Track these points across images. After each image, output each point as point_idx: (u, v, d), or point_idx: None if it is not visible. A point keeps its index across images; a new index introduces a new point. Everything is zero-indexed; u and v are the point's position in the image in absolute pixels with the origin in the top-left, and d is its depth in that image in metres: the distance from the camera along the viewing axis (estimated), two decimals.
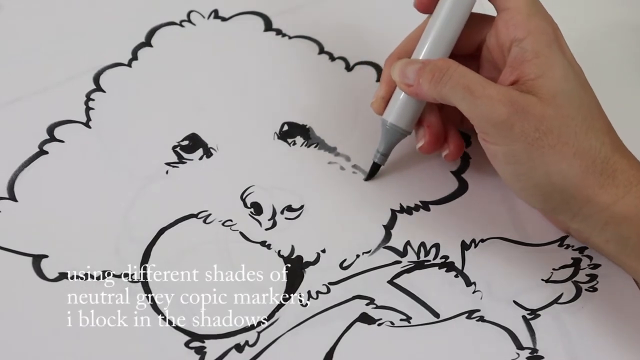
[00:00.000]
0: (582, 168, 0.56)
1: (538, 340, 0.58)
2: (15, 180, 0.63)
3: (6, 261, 0.60)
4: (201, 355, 0.57)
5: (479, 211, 0.63)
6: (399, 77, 0.60)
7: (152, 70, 0.69)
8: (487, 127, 0.57)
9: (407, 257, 0.61)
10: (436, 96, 0.58)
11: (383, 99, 0.62)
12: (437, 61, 0.59)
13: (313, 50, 0.71)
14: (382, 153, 0.63)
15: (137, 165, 0.64)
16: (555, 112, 0.56)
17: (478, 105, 0.56)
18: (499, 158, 0.57)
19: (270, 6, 0.73)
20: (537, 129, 0.56)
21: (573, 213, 0.57)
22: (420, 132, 0.63)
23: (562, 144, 0.56)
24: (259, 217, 0.62)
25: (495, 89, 0.57)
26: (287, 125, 0.67)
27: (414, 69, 0.59)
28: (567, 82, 0.57)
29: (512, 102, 0.56)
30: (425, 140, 0.62)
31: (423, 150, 0.62)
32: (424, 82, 0.58)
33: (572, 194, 0.56)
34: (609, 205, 0.56)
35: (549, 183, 0.56)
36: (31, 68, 0.69)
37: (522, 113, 0.56)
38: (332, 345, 0.57)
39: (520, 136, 0.56)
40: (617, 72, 0.71)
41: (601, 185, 0.56)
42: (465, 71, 0.57)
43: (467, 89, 0.57)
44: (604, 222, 0.56)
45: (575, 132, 0.56)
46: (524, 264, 0.61)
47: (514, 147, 0.56)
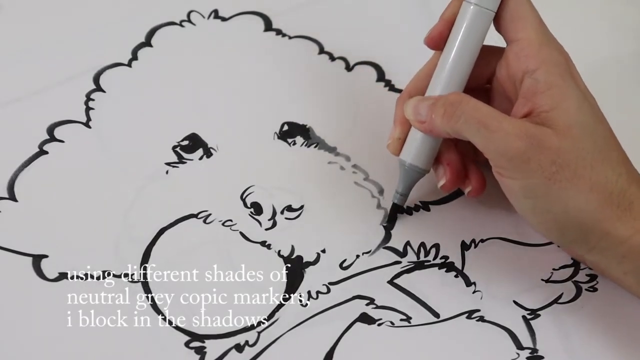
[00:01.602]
0: (599, 202, 0.55)
1: (538, 340, 0.58)
2: (15, 180, 0.63)
3: (6, 261, 0.60)
4: (201, 355, 0.57)
5: (479, 211, 0.63)
6: (412, 115, 0.59)
7: (152, 70, 0.69)
8: (503, 161, 0.56)
9: (407, 257, 0.61)
10: (450, 131, 0.57)
11: (399, 140, 0.61)
12: (449, 96, 0.58)
13: (313, 50, 0.71)
14: (401, 194, 0.62)
15: (137, 165, 0.64)
16: (571, 144, 0.55)
17: (493, 140, 0.55)
18: (516, 192, 0.56)
19: (270, 6, 0.73)
20: (553, 162, 0.55)
21: (590, 246, 0.56)
22: (439, 170, 0.61)
23: (578, 178, 0.55)
24: (259, 217, 0.62)
25: (510, 122, 0.56)
26: (287, 125, 0.67)
27: (426, 105, 0.58)
28: (581, 114, 0.56)
29: (528, 135, 0.55)
30: (447, 179, 0.61)
31: (445, 188, 0.61)
32: (437, 117, 0.57)
33: (589, 228, 0.55)
34: (627, 239, 0.55)
35: (567, 218, 0.56)
36: (31, 68, 0.69)
37: (538, 147, 0.55)
38: (332, 345, 0.57)
39: (537, 170, 0.55)
40: (617, 77, 0.71)
41: (618, 218, 0.55)
42: (478, 105, 0.56)
43: (481, 123, 0.56)
44: (622, 255, 0.56)
45: (591, 165, 0.55)
46: (524, 264, 0.61)
47: (531, 182, 0.55)
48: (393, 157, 0.65)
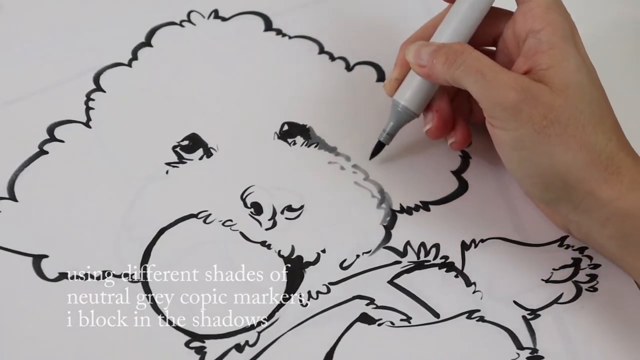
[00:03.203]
0: (586, 161, 0.56)
1: (538, 340, 0.58)
2: (15, 180, 0.63)
3: (6, 261, 0.60)
4: (201, 355, 0.57)
5: (479, 211, 0.63)
6: (413, 58, 0.61)
7: (152, 70, 0.69)
8: (496, 110, 0.57)
9: (407, 257, 0.61)
10: (449, 78, 0.59)
11: (396, 81, 0.63)
12: (452, 44, 0.59)
13: (313, 50, 0.71)
14: (388, 133, 0.64)
15: (137, 165, 0.64)
16: (565, 102, 0.56)
17: (489, 89, 0.57)
18: (506, 143, 0.58)
19: (270, 6, 0.73)
20: (545, 116, 0.56)
21: (574, 205, 0.57)
22: (428, 116, 0.63)
23: (568, 135, 0.56)
24: (259, 217, 0.62)
25: (508, 74, 0.57)
26: (287, 125, 0.67)
27: (429, 50, 0.60)
28: (579, 75, 0.57)
29: (523, 88, 0.56)
30: (433, 124, 0.63)
31: (430, 133, 0.63)
32: (438, 64, 0.59)
33: (574, 185, 0.56)
34: (612, 201, 0.56)
35: (552, 172, 0.57)
36: (31, 68, 0.69)
37: (531, 100, 0.56)
38: (332, 345, 0.57)
39: (528, 122, 0.56)
40: (622, 70, 0.71)
41: (605, 180, 0.56)
42: (480, 55, 0.58)
43: (479, 72, 0.57)
44: (606, 217, 0.56)
45: (583, 126, 0.56)
46: (524, 264, 0.61)
47: (521, 133, 0.56)
48: (393, 157, 0.65)
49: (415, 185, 0.64)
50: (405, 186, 0.64)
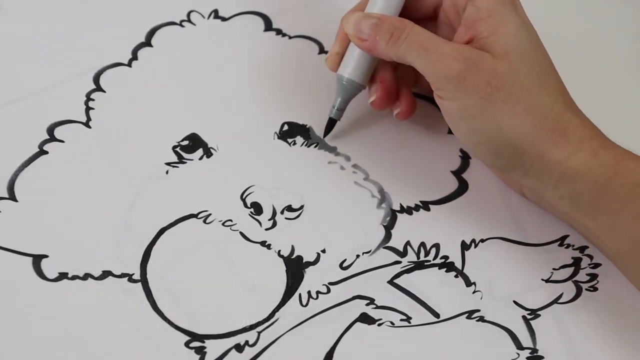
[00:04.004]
0: (533, 124, 0.56)
1: (538, 340, 0.58)
2: (15, 180, 0.63)
3: (6, 261, 0.60)
4: (201, 355, 0.57)
5: (479, 211, 0.63)
6: (353, 30, 0.61)
7: (152, 70, 0.69)
8: (441, 82, 0.57)
9: (407, 257, 0.61)
10: (392, 55, 0.59)
11: (337, 55, 0.64)
12: (394, 21, 0.60)
13: (313, 50, 0.71)
14: (337, 108, 0.64)
15: (137, 165, 0.64)
16: (507, 68, 0.57)
17: (431, 61, 0.57)
18: (453, 113, 0.58)
19: (270, 6, 0.73)
20: (489, 83, 0.56)
21: (525, 169, 0.58)
22: (373, 87, 0.64)
23: (514, 100, 0.56)
24: (259, 217, 0.62)
25: (448, 45, 0.58)
26: (287, 125, 0.67)
27: (369, 23, 0.60)
28: (520, 40, 0.58)
29: (465, 57, 0.57)
30: (377, 95, 0.63)
31: (375, 105, 0.64)
32: (382, 41, 0.59)
33: (523, 149, 0.57)
34: (561, 162, 0.56)
35: (501, 138, 0.57)
36: (31, 68, 0.69)
37: (474, 68, 0.57)
38: (332, 345, 0.57)
39: (473, 90, 0.57)
40: (616, 75, 0.71)
41: (553, 142, 0.56)
42: (420, 30, 0.59)
43: (421, 46, 0.58)
44: (557, 178, 0.57)
45: (527, 89, 0.57)
46: (524, 264, 0.61)
47: (467, 102, 0.57)
48: (393, 157, 0.65)
49: (415, 185, 0.64)
50: (405, 186, 0.64)
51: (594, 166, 0.56)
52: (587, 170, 0.56)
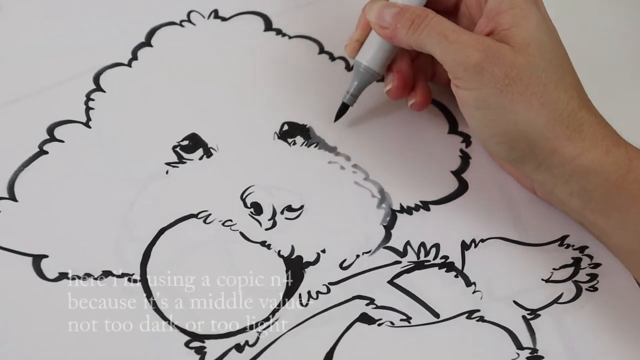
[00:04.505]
0: (548, 118, 0.57)
1: (538, 340, 0.58)
2: (15, 180, 0.63)
3: (6, 261, 0.60)
4: (201, 355, 0.57)
5: (479, 211, 0.63)
6: (375, 18, 0.62)
7: (152, 70, 0.69)
8: (459, 71, 0.58)
9: (407, 257, 0.61)
10: (412, 43, 0.60)
11: (358, 42, 0.64)
12: (415, 9, 0.60)
13: (313, 50, 0.71)
14: (352, 94, 0.65)
15: (137, 165, 0.64)
16: (526, 61, 0.57)
17: (451, 50, 0.58)
18: (470, 103, 0.58)
19: (270, 6, 0.73)
20: (507, 74, 0.57)
21: (538, 163, 0.58)
22: (389, 76, 0.64)
23: (530, 93, 0.57)
24: (259, 217, 0.62)
25: (469, 35, 0.58)
26: (287, 125, 0.67)
27: (392, 12, 0.61)
28: (540, 34, 0.58)
29: (485, 47, 0.57)
30: (394, 85, 0.64)
31: (390, 94, 0.64)
32: (402, 28, 0.60)
33: (537, 143, 0.57)
34: (574, 157, 0.56)
35: (515, 130, 0.57)
36: (31, 68, 0.69)
37: (493, 58, 0.57)
38: (332, 345, 0.57)
39: (490, 80, 0.57)
40: (616, 75, 0.71)
41: (567, 137, 0.57)
42: (442, 19, 0.59)
43: (441, 34, 0.58)
44: (569, 174, 0.57)
45: (544, 84, 0.57)
46: (524, 264, 0.61)
47: (484, 92, 0.57)
48: (393, 157, 0.65)
49: (415, 185, 0.64)
50: (405, 186, 0.64)
51: (607, 163, 0.56)
52: (600, 167, 0.56)
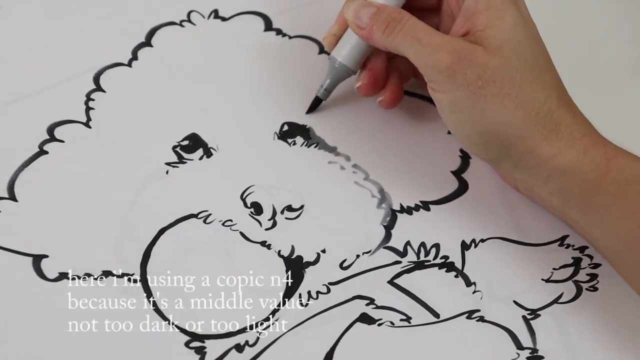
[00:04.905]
0: (523, 119, 0.56)
1: (538, 340, 0.58)
2: (15, 180, 0.63)
3: (6, 261, 0.60)
4: (201, 355, 0.57)
5: (479, 211, 0.63)
6: (352, 17, 0.62)
7: (152, 70, 0.69)
8: (432, 74, 0.58)
9: (407, 257, 0.61)
10: (388, 45, 0.60)
11: (335, 36, 0.65)
12: (391, 11, 0.60)
13: (313, 50, 0.71)
14: (325, 89, 0.66)
15: (137, 165, 0.64)
16: (500, 62, 0.57)
17: (423, 53, 0.58)
18: (444, 106, 0.58)
19: (270, 6, 0.73)
20: (479, 77, 0.57)
21: (514, 163, 0.58)
22: (362, 74, 0.65)
23: (504, 95, 0.56)
24: (259, 217, 0.62)
25: (442, 38, 0.58)
26: (287, 125, 0.67)
27: (368, 12, 0.61)
28: (516, 33, 0.57)
29: (457, 50, 0.57)
30: (363, 82, 0.64)
31: (360, 90, 0.64)
32: (378, 31, 0.60)
33: (512, 143, 0.57)
34: (551, 157, 0.56)
35: (490, 131, 0.57)
36: (31, 68, 0.69)
37: (465, 61, 0.57)
38: (332, 345, 0.57)
39: (463, 83, 0.57)
40: (616, 75, 0.71)
41: (544, 137, 0.56)
42: (416, 22, 0.59)
43: (414, 38, 0.58)
44: (546, 174, 0.57)
45: (519, 84, 0.57)
46: (524, 264, 0.61)
47: (457, 95, 0.57)
48: (393, 157, 0.65)
49: (415, 185, 0.64)
50: (405, 186, 0.64)
51: (584, 163, 0.56)
52: (577, 167, 0.56)
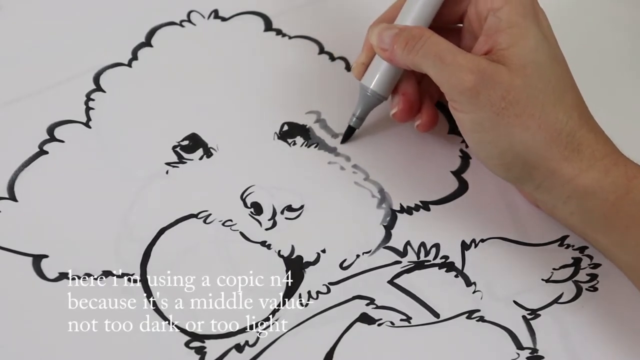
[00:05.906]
0: (546, 140, 0.56)
1: (538, 340, 0.58)
2: (15, 180, 0.63)
3: (6, 261, 0.60)
4: (201, 355, 0.57)
5: (479, 211, 0.63)
6: (376, 41, 0.61)
7: (152, 70, 0.69)
8: (455, 94, 0.57)
9: (407, 257, 0.61)
10: (409, 63, 0.59)
11: (363, 65, 0.64)
12: (412, 29, 0.60)
13: (313, 50, 0.71)
14: (358, 117, 0.65)
15: (137, 165, 0.64)
16: (523, 82, 0.56)
17: (446, 73, 0.57)
18: (466, 126, 0.58)
19: (270, 6, 0.73)
20: (503, 98, 0.56)
21: (536, 184, 0.58)
22: (395, 99, 0.64)
23: (527, 115, 0.56)
24: (259, 217, 0.62)
25: (465, 57, 0.57)
26: (287, 125, 0.67)
27: (391, 34, 0.60)
28: (538, 53, 0.57)
29: (480, 70, 0.56)
30: (399, 108, 0.63)
31: (396, 117, 0.64)
32: (398, 49, 0.59)
33: (535, 164, 0.57)
34: (572, 178, 0.56)
35: (512, 152, 0.57)
36: (31, 68, 0.69)
37: (489, 81, 0.56)
38: (332, 345, 0.57)
39: (486, 104, 0.56)
40: (613, 70, 0.71)
41: (565, 158, 0.56)
42: (439, 39, 0.58)
43: (437, 56, 0.58)
44: (567, 195, 0.57)
45: (542, 104, 0.56)
46: (524, 264, 0.61)
47: (480, 115, 0.57)
48: (393, 157, 0.65)
49: (415, 185, 0.64)
50: (405, 186, 0.64)
51: (606, 184, 0.56)
52: (599, 188, 0.56)
